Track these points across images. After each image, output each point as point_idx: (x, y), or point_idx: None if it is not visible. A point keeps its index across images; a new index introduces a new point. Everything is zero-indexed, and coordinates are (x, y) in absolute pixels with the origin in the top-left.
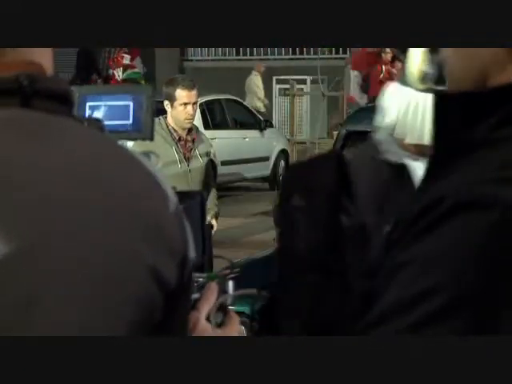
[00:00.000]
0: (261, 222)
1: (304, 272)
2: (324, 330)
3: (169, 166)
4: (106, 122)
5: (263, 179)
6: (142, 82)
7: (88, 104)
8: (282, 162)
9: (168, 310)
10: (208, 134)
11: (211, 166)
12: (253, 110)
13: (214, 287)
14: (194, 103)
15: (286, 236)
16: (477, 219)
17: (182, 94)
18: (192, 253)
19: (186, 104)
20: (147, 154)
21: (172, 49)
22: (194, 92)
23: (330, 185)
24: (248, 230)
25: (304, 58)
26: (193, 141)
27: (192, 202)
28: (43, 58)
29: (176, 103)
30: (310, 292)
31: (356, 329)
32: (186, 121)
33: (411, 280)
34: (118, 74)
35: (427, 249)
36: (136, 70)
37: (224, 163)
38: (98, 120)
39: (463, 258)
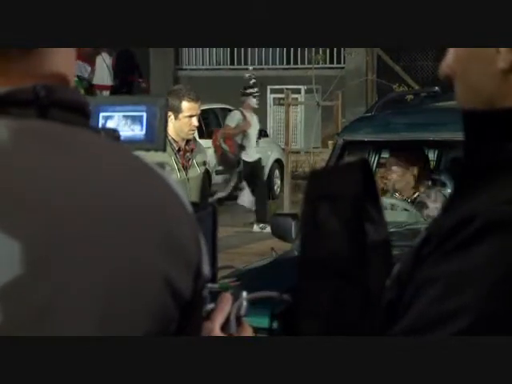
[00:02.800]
0: (255, 232)
1: (325, 277)
2: (340, 335)
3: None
4: (120, 133)
5: None
6: (82, 90)
7: (102, 114)
8: (277, 172)
9: (182, 321)
10: (203, 143)
11: (207, 175)
12: None
13: (227, 297)
14: (197, 115)
15: (310, 240)
16: (506, 239)
17: (188, 107)
18: (206, 265)
19: (191, 116)
20: (161, 164)
21: (166, 58)
22: (199, 104)
23: (355, 192)
24: (242, 239)
25: (298, 68)
26: (191, 151)
27: (203, 212)
28: (64, 67)
29: (181, 115)
30: (330, 296)
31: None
32: (190, 132)
33: (439, 297)
34: None
35: (457, 267)
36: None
37: (218, 172)
38: (114, 130)
39: (492, 279)
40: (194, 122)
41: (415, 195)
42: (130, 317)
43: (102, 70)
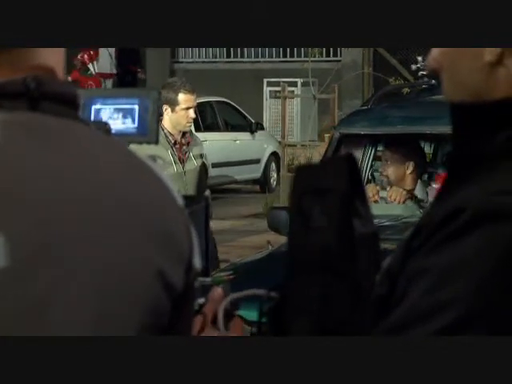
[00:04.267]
0: (251, 225)
1: (314, 272)
2: (332, 331)
3: (164, 169)
4: (112, 125)
5: (254, 181)
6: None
7: (93, 107)
8: (273, 165)
9: (174, 314)
10: (199, 136)
11: (204, 168)
12: (244, 113)
13: (219, 291)
14: (194, 107)
15: (298, 236)
16: (496, 230)
17: (184, 99)
18: (197, 259)
19: (188, 108)
20: (153, 157)
21: (162, 51)
22: (195, 95)
23: (342, 187)
24: (239, 233)
25: (295, 61)
26: (187, 144)
27: (197, 205)
28: (53, 60)
29: (178, 108)
30: (319, 292)
31: (372, 333)
32: (188, 124)
33: (430, 289)
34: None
35: (447, 259)
36: None
37: (215, 165)
38: (104, 123)
39: (482, 270)
40: (191, 113)
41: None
42: (125, 311)
43: (105, 58)
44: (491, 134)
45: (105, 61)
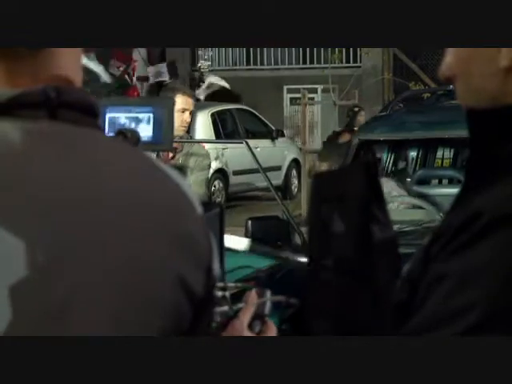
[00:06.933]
0: None
1: (333, 278)
2: (349, 334)
3: None
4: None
5: (275, 188)
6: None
7: (108, 115)
8: (294, 172)
9: (195, 318)
10: (220, 143)
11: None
12: (264, 120)
13: (253, 296)
14: (190, 111)
15: (317, 242)
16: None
17: (181, 100)
18: (217, 264)
19: (184, 110)
20: (181, 168)
21: (182, 59)
22: (193, 100)
23: (361, 193)
24: None
25: (315, 67)
26: (175, 149)
27: (210, 213)
28: (71, 70)
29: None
30: (338, 297)
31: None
32: (182, 128)
33: (448, 294)
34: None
35: (465, 264)
36: None
37: (236, 173)
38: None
39: (500, 274)
40: (187, 117)
41: None
42: (144, 314)
43: (139, 62)
44: (507, 138)
45: (139, 65)
